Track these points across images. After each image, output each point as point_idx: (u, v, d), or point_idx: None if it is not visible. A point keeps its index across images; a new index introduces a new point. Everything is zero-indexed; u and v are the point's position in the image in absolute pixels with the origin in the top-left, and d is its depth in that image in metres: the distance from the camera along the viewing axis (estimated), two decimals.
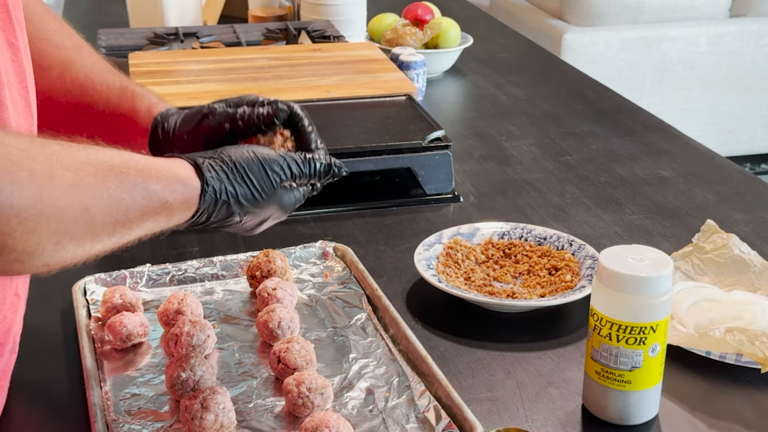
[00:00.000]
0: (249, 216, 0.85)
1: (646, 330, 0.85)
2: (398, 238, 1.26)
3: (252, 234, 0.90)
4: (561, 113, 1.78)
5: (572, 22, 3.51)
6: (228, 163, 0.83)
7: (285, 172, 0.86)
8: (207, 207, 0.81)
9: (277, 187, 0.85)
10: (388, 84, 1.58)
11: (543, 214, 1.35)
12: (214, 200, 0.81)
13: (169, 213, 0.78)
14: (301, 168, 0.87)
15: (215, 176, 0.81)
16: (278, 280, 1.06)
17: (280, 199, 0.87)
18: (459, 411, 0.86)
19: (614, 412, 0.89)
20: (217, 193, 0.81)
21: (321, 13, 2.16)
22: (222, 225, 0.84)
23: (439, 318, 1.07)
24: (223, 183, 0.81)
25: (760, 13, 3.61)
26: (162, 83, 1.54)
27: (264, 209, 0.86)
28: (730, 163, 1.54)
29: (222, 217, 0.83)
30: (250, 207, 0.84)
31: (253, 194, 0.84)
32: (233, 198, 0.82)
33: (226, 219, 0.83)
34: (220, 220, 0.83)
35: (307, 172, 0.87)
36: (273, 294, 1.03)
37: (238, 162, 0.83)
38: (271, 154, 0.86)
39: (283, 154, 0.86)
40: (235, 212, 0.83)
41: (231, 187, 0.82)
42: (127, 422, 0.87)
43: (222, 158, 0.83)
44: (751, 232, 1.28)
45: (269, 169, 0.85)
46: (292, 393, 0.88)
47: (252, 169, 0.84)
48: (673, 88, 3.57)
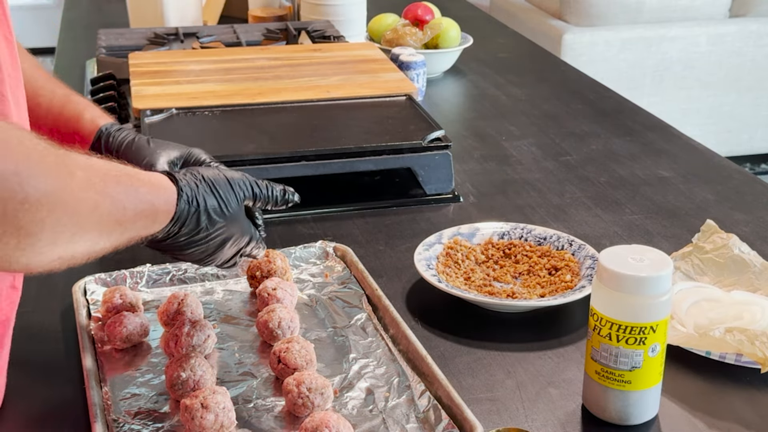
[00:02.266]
0: (215, 232, 0.88)
1: (646, 330, 0.85)
2: (398, 238, 1.26)
3: (210, 263, 0.92)
4: (561, 113, 1.78)
5: (572, 22, 3.51)
6: (197, 176, 0.88)
7: (247, 190, 0.91)
8: (181, 214, 0.84)
9: (241, 203, 0.90)
10: (388, 84, 1.58)
11: (543, 214, 1.35)
12: (187, 207, 0.85)
13: (154, 216, 0.82)
14: (261, 188, 0.93)
15: (187, 185, 0.86)
16: (278, 280, 1.06)
17: (242, 217, 0.91)
18: (459, 411, 0.86)
19: (614, 412, 0.89)
20: (190, 199, 0.85)
21: (321, 13, 2.16)
22: (190, 239, 0.87)
23: (439, 318, 1.07)
24: (195, 191, 0.86)
25: (760, 13, 3.61)
26: (162, 83, 1.54)
27: (228, 226, 0.89)
28: (730, 163, 1.54)
29: (191, 228, 0.86)
30: (217, 219, 0.88)
31: (220, 206, 0.88)
32: (203, 207, 0.86)
33: (195, 231, 0.87)
34: (189, 232, 0.86)
35: (266, 193, 0.93)
36: (273, 294, 1.03)
37: (207, 176, 0.88)
38: (235, 174, 0.92)
39: (245, 175, 0.93)
40: (202, 223, 0.87)
41: (201, 197, 0.86)
42: (127, 422, 0.87)
43: (192, 173, 0.88)
44: (751, 232, 1.28)
45: (234, 185, 0.90)
46: (292, 393, 0.88)
47: (219, 183, 0.89)
48: (673, 88, 3.57)
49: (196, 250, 0.89)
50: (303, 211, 1.34)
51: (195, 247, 0.88)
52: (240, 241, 0.92)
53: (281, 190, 0.95)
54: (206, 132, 1.40)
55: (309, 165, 1.31)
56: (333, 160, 1.32)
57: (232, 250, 0.92)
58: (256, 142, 1.33)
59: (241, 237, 0.92)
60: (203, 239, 0.88)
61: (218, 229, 0.89)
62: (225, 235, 0.90)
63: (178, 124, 1.41)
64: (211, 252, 0.90)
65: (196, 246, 0.88)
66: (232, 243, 0.91)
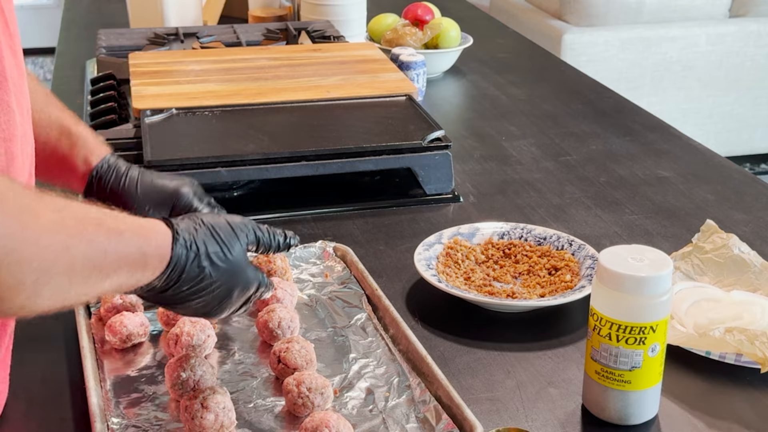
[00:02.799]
0: (220, 279, 0.83)
1: (646, 330, 0.85)
2: (398, 238, 1.26)
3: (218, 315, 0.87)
4: (561, 113, 1.78)
5: (572, 23, 3.50)
6: (196, 221, 0.83)
7: (250, 234, 0.87)
8: (179, 260, 0.79)
9: (244, 248, 0.85)
10: (388, 84, 1.58)
11: (543, 214, 1.35)
12: (185, 252, 0.80)
13: (144, 262, 0.77)
14: (263, 233, 0.89)
15: (185, 229, 0.81)
16: (278, 280, 1.06)
17: (246, 265, 0.86)
18: (459, 411, 0.86)
19: (614, 412, 0.89)
20: (188, 244, 0.80)
21: (321, 13, 2.16)
22: (193, 288, 0.82)
23: (439, 318, 1.07)
24: (193, 236, 0.81)
25: (760, 13, 3.60)
26: (162, 83, 1.54)
27: (233, 272, 0.84)
28: (729, 163, 1.54)
29: (195, 274, 0.81)
30: (220, 265, 0.83)
31: (222, 251, 0.83)
32: (203, 252, 0.81)
33: (198, 279, 0.81)
34: (193, 278, 0.81)
35: (268, 237, 0.89)
36: (273, 294, 1.03)
37: (206, 221, 0.84)
38: (236, 218, 0.87)
39: (247, 219, 0.88)
40: (206, 270, 0.82)
41: (200, 241, 0.81)
42: (127, 422, 0.87)
43: (191, 218, 0.84)
44: (751, 232, 1.28)
45: (236, 228, 0.85)
46: (292, 393, 0.88)
47: (220, 227, 0.84)
48: (673, 88, 3.56)
49: (202, 301, 0.83)
50: (303, 211, 1.34)
51: (200, 298, 0.83)
52: (248, 289, 0.87)
53: (282, 235, 0.91)
54: (206, 132, 1.40)
55: (309, 165, 1.31)
56: (333, 160, 1.32)
57: (241, 300, 0.87)
58: (256, 142, 1.33)
59: (249, 284, 0.87)
60: (208, 288, 0.83)
61: (223, 277, 0.83)
62: (231, 283, 0.84)
63: (178, 124, 1.41)
64: (218, 302, 0.85)
65: (201, 296, 0.83)
66: (240, 292, 0.86)
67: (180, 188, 1.03)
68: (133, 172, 1.04)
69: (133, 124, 1.44)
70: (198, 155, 1.30)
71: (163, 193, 1.02)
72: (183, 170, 1.28)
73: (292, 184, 1.36)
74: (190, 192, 1.03)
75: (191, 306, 0.84)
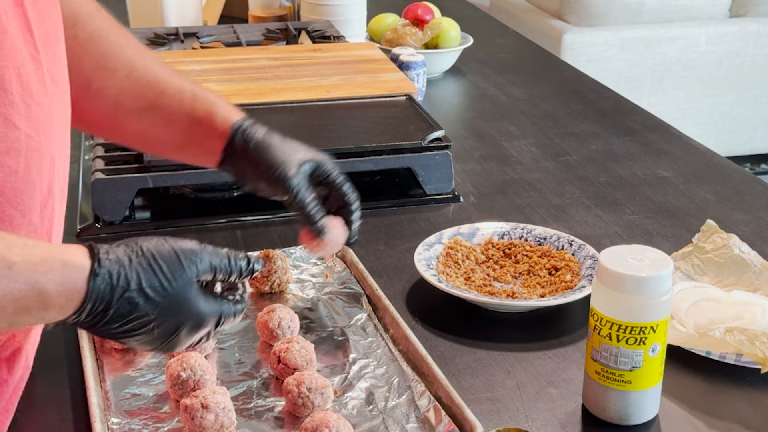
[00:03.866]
0: (161, 316, 0.73)
1: (646, 330, 0.85)
2: (398, 238, 1.26)
3: (166, 351, 0.77)
4: (561, 113, 1.78)
5: (572, 22, 3.51)
6: (134, 248, 0.73)
7: (201, 263, 0.76)
8: (101, 295, 0.70)
9: (192, 277, 0.75)
10: (388, 84, 1.58)
11: (543, 214, 1.35)
12: (110, 286, 0.70)
13: (40, 300, 0.68)
14: (221, 259, 0.78)
15: (115, 259, 0.72)
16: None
17: (196, 298, 0.75)
18: (459, 411, 0.86)
19: (614, 412, 0.89)
20: (113, 277, 0.71)
21: (321, 13, 2.16)
22: (126, 325, 0.72)
23: (439, 318, 1.07)
24: (124, 267, 0.71)
25: (760, 13, 3.61)
26: None
27: (177, 307, 0.74)
28: (729, 163, 1.54)
29: (125, 311, 0.71)
30: (158, 300, 0.72)
31: (161, 282, 0.73)
32: (136, 285, 0.71)
33: (131, 315, 0.72)
34: (124, 315, 0.72)
35: (226, 264, 0.78)
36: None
37: (147, 248, 0.74)
38: (187, 244, 0.76)
39: (205, 245, 0.77)
40: (140, 305, 0.72)
41: (133, 272, 0.72)
42: (127, 422, 0.87)
43: (129, 244, 0.74)
44: (751, 232, 1.28)
45: (183, 257, 0.75)
46: (292, 393, 0.88)
47: (163, 255, 0.74)
48: (673, 88, 3.57)
49: (141, 338, 0.74)
50: None
51: (138, 335, 0.73)
52: (201, 326, 0.76)
53: (245, 259, 0.80)
54: None
55: None
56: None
57: (195, 336, 0.77)
58: None
59: (202, 320, 0.76)
60: (146, 327, 0.73)
61: (164, 313, 0.73)
62: (176, 319, 0.74)
63: None
64: (164, 340, 0.75)
65: (139, 334, 0.73)
66: (191, 329, 0.76)
67: (326, 160, 1.00)
68: (274, 133, 1.00)
69: None
70: None
71: (308, 154, 0.98)
72: (183, 170, 1.28)
73: None
74: (336, 167, 1.00)
75: (131, 343, 0.75)
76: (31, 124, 0.77)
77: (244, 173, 0.98)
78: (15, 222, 0.77)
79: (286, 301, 1.09)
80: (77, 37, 0.97)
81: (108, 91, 0.98)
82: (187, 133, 0.99)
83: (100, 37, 0.99)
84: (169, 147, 1.03)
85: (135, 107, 0.99)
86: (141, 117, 0.99)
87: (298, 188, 0.94)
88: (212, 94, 1.01)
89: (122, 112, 0.99)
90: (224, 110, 0.99)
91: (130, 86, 0.98)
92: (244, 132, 0.97)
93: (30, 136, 0.77)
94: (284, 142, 0.99)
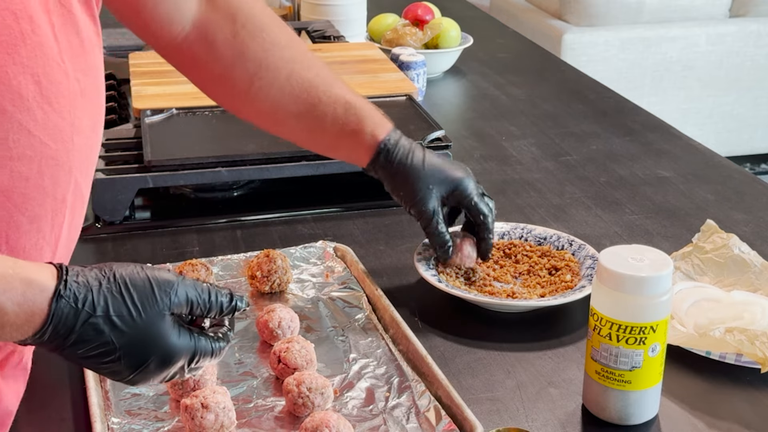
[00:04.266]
0: (126, 346, 0.70)
1: (646, 330, 0.85)
2: (398, 238, 1.26)
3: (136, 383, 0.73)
4: (561, 113, 1.78)
5: (572, 22, 3.51)
6: (107, 273, 0.70)
7: (175, 296, 0.72)
8: (63, 319, 0.67)
9: (164, 309, 0.71)
10: (388, 84, 1.58)
11: (543, 214, 1.35)
12: (72, 311, 0.67)
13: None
14: (199, 293, 0.74)
15: (83, 283, 0.69)
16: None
17: (166, 332, 0.71)
18: (459, 411, 0.86)
19: (614, 412, 0.89)
20: (79, 301, 0.68)
21: (321, 13, 2.16)
22: (91, 352, 0.69)
23: (439, 318, 1.07)
24: (92, 292, 0.69)
25: (760, 13, 3.61)
26: (162, 83, 1.54)
27: (144, 339, 0.70)
28: (730, 163, 1.54)
29: (89, 337, 0.68)
30: (125, 329, 0.69)
31: (130, 311, 0.69)
32: (102, 312, 0.68)
33: (95, 342, 0.69)
34: (88, 342, 0.69)
35: (205, 299, 0.74)
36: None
37: (120, 275, 0.71)
38: (165, 275, 0.73)
39: (183, 277, 0.74)
40: (104, 332, 0.68)
41: (101, 298, 0.69)
42: (127, 422, 0.87)
43: (102, 269, 0.71)
44: (751, 232, 1.28)
45: (157, 287, 0.71)
46: (292, 393, 0.88)
47: (135, 283, 0.71)
48: (673, 88, 3.57)
49: (108, 368, 0.71)
50: (303, 211, 1.34)
51: (104, 364, 0.70)
52: (170, 362, 0.73)
53: (227, 296, 0.76)
54: (206, 132, 1.40)
55: (309, 165, 1.31)
56: (333, 160, 1.32)
57: (162, 372, 0.73)
58: (256, 142, 1.33)
59: (171, 355, 0.72)
60: (111, 355, 0.70)
61: (130, 344, 0.70)
62: (143, 352, 0.71)
63: (178, 124, 1.41)
64: (132, 372, 0.72)
65: (105, 363, 0.70)
66: (159, 363, 0.72)
67: (463, 181, 1.08)
68: (418, 150, 1.08)
69: (134, 124, 1.44)
70: (198, 155, 1.30)
71: (446, 177, 1.07)
72: (183, 170, 1.28)
73: (292, 184, 1.36)
74: (471, 187, 1.08)
75: (102, 372, 0.72)
76: (48, 132, 0.76)
77: (387, 185, 1.09)
78: (22, 228, 0.77)
79: (286, 301, 1.09)
80: (238, 34, 1.02)
81: (269, 91, 1.03)
82: (336, 141, 1.07)
83: (262, 33, 1.03)
84: (320, 149, 1.13)
85: (293, 110, 1.05)
86: (297, 120, 1.06)
87: (430, 217, 1.07)
88: (364, 102, 1.07)
89: (281, 113, 1.05)
90: (372, 124, 1.06)
91: (289, 88, 1.04)
92: (388, 153, 1.06)
93: (45, 144, 0.76)
94: (425, 164, 1.07)
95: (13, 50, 0.73)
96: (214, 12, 1.02)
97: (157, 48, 1.05)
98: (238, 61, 1.02)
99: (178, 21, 1.01)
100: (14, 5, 0.73)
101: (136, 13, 0.99)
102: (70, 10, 0.79)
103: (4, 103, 0.73)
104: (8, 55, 0.73)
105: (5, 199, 0.75)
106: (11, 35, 0.73)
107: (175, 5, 1.00)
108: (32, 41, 0.74)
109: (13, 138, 0.74)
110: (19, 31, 0.73)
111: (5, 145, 0.73)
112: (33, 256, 0.78)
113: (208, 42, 1.02)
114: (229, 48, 1.02)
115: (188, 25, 1.01)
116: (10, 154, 0.74)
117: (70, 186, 0.80)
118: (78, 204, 0.84)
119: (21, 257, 0.70)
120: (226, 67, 1.03)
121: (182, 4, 1.00)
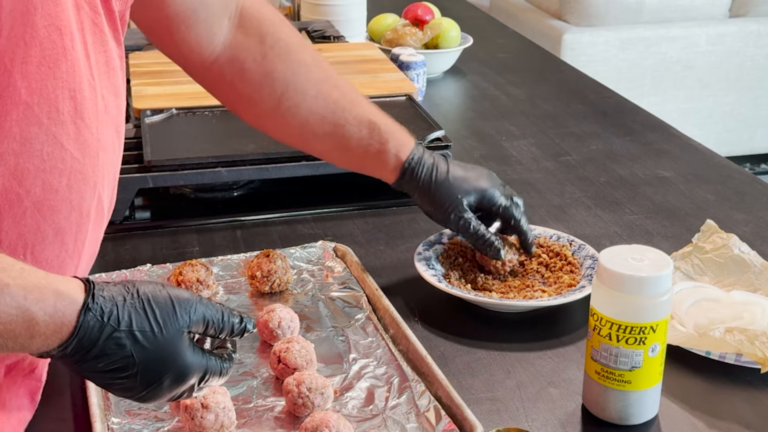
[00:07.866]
0: (145, 362, 0.71)
1: (646, 330, 0.85)
2: (398, 238, 1.26)
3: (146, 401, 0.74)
4: (561, 113, 1.78)
5: (572, 23, 3.51)
6: (130, 290, 0.72)
7: (194, 314, 0.74)
8: (89, 332, 0.68)
9: (183, 327, 0.73)
10: (388, 84, 1.58)
11: (543, 214, 1.35)
12: (98, 324, 0.68)
13: (28, 325, 0.66)
14: (214, 313, 0.75)
15: (109, 297, 0.70)
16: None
17: (184, 349, 0.73)
18: (459, 411, 0.86)
19: (614, 412, 0.89)
20: (105, 315, 0.69)
21: (321, 13, 2.16)
22: (110, 366, 0.70)
23: (439, 318, 1.07)
24: (117, 306, 0.70)
25: (760, 13, 3.61)
26: (162, 83, 1.54)
27: (163, 356, 0.71)
28: (729, 163, 1.54)
29: (111, 351, 0.69)
30: (146, 345, 0.70)
31: (152, 326, 0.71)
32: (126, 326, 0.69)
33: (116, 356, 0.70)
34: (110, 355, 0.69)
35: (219, 319, 0.76)
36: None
37: (143, 292, 0.72)
38: (184, 294, 0.74)
39: (200, 297, 0.76)
40: (126, 347, 0.69)
41: (125, 313, 0.70)
42: (127, 422, 0.87)
43: (126, 285, 0.72)
44: (751, 232, 1.28)
45: (178, 305, 0.73)
46: (292, 393, 0.88)
47: (158, 300, 0.72)
48: (673, 88, 3.57)
49: (122, 383, 0.71)
50: (303, 211, 1.34)
51: (120, 380, 0.71)
52: (184, 380, 0.74)
53: (238, 318, 0.78)
54: (206, 132, 1.40)
55: (309, 165, 1.31)
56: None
57: (174, 390, 0.74)
58: (256, 142, 1.33)
59: (186, 373, 0.73)
60: (130, 370, 0.70)
61: (149, 360, 0.71)
62: (160, 369, 0.72)
63: (178, 124, 1.41)
64: (145, 389, 0.72)
65: (121, 378, 0.71)
66: (173, 380, 0.73)
67: (488, 190, 1.09)
68: (441, 164, 1.10)
69: (134, 124, 1.44)
70: (198, 155, 1.30)
71: (472, 188, 1.09)
72: (183, 170, 1.28)
73: (292, 184, 1.36)
74: (497, 195, 1.10)
75: (113, 388, 0.73)
76: (79, 147, 0.78)
77: (416, 200, 1.11)
78: (47, 239, 0.78)
79: (286, 301, 1.09)
80: (267, 56, 1.04)
81: (297, 111, 1.05)
82: (362, 161, 1.10)
83: (290, 55, 1.05)
84: (348, 167, 1.14)
85: (319, 131, 1.07)
86: (324, 139, 1.08)
87: (467, 225, 1.08)
88: (386, 120, 1.09)
89: (308, 132, 1.07)
90: (396, 145, 1.08)
91: (316, 108, 1.06)
92: (413, 171, 1.08)
93: (76, 158, 0.78)
94: (449, 177, 1.08)
95: (55, 65, 0.75)
96: (244, 36, 1.04)
97: (186, 68, 1.06)
98: (266, 82, 1.04)
99: (209, 44, 1.02)
100: (60, 21, 0.75)
101: (169, 34, 1.00)
102: (101, 29, 0.81)
103: (42, 116, 0.75)
104: (50, 70, 0.75)
105: (35, 210, 0.76)
106: (55, 50, 0.75)
107: (207, 29, 1.01)
108: (72, 57, 0.76)
109: (47, 150, 0.75)
110: (62, 46, 0.75)
111: (40, 156, 0.75)
112: (55, 268, 0.79)
113: (238, 64, 1.04)
114: (258, 69, 1.03)
115: (219, 48, 1.03)
116: (44, 166, 0.76)
117: (93, 201, 0.82)
118: (99, 219, 0.85)
119: (44, 269, 0.70)
120: (255, 88, 1.05)
121: (215, 29, 1.01)
